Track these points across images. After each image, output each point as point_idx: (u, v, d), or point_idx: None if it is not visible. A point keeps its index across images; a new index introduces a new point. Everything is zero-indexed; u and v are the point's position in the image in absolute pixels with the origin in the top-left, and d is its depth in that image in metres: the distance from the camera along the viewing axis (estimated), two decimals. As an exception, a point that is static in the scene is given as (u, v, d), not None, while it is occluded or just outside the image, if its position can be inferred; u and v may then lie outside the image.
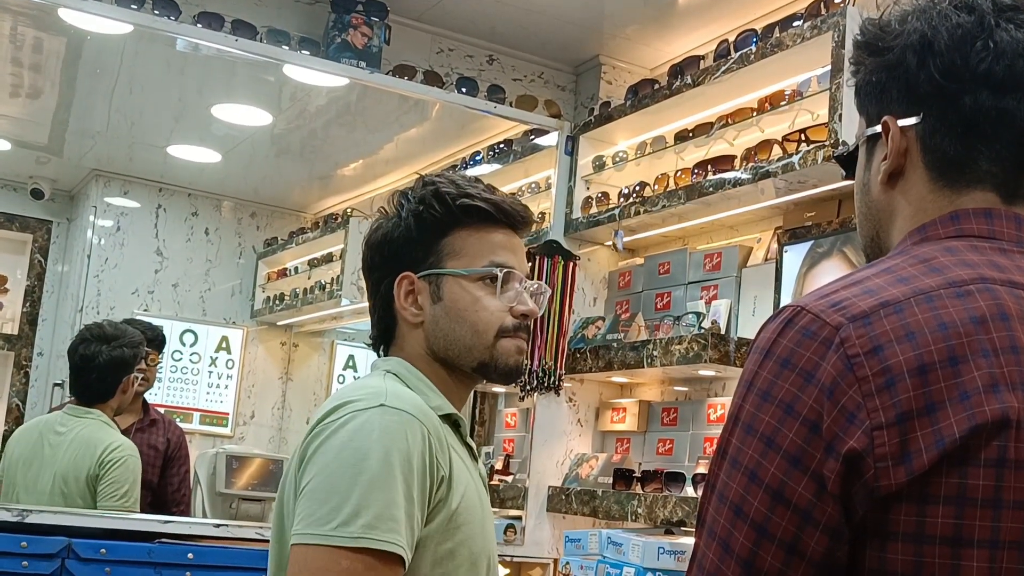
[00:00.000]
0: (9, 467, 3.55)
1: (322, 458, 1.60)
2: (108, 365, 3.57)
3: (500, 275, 1.80)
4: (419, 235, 1.80)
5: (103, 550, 3.04)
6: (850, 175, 1.32)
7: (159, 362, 4.31)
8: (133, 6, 3.71)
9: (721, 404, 3.74)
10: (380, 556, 1.54)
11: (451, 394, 1.81)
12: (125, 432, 3.76)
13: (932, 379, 1.02)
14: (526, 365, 3.88)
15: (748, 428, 1.07)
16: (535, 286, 1.86)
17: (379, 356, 1.88)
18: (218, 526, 3.35)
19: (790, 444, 1.03)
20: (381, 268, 1.84)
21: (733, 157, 3.60)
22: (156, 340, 4.21)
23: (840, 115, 3.06)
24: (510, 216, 1.84)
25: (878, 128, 1.22)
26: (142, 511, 3.62)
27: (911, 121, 1.18)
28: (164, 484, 4.08)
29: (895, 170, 1.20)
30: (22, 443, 3.59)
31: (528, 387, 4.01)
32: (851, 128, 2.93)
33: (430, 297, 1.79)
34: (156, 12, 3.76)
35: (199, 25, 3.83)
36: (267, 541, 1.86)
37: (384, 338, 1.87)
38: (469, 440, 1.82)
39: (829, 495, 1.01)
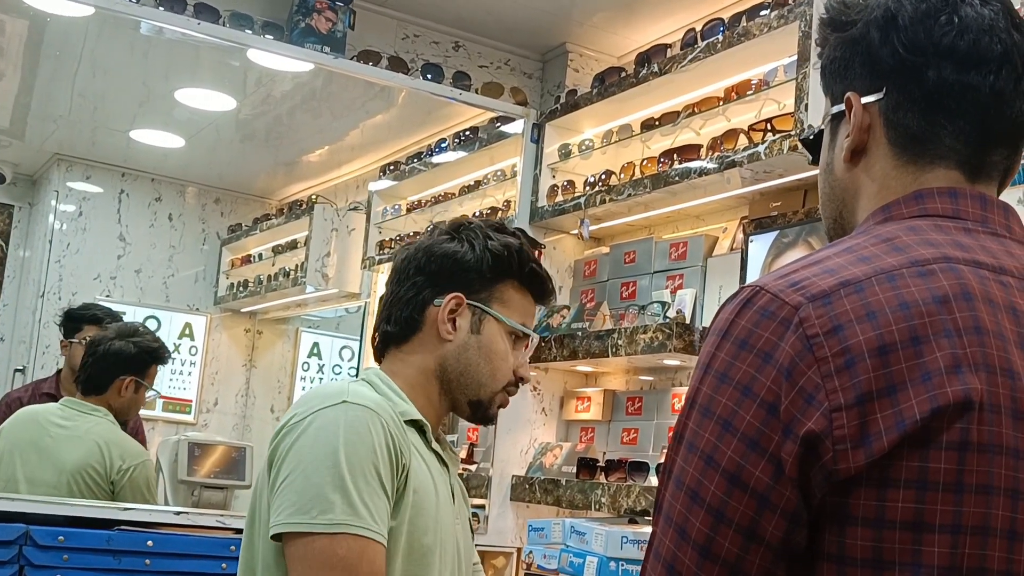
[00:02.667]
0: (2, 458, 3.47)
1: (295, 455, 1.69)
2: (106, 356, 3.55)
3: (531, 340, 2.00)
4: (488, 271, 1.94)
5: (61, 537, 2.99)
6: (815, 160, 1.31)
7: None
8: (95, -13, 3.67)
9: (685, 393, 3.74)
10: (363, 542, 1.64)
11: (429, 409, 1.91)
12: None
13: (893, 359, 1.00)
14: None
15: (705, 411, 1.05)
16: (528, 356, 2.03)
17: (380, 355, 1.98)
18: (178, 513, 3.32)
19: (747, 426, 1.02)
20: (436, 276, 1.94)
21: (699, 146, 3.60)
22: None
23: (806, 105, 3.06)
24: (547, 296, 2.04)
25: (842, 106, 1.21)
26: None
27: (874, 97, 1.17)
28: (122, 470, 4.04)
29: (858, 147, 1.19)
30: (16, 434, 3.49)
31: (492, 375, 4.00)
32: (817, 118, 2.93)
33: (469, 325, 1.92)
34: (118, -6, 3.71)
35: (161, 8, 3.79)
36: (228, 529, 1.87)
37: (396, 338, 1.95)
38: (437, 446, 1.90)
39: (787, 478, 1.00)
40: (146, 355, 3.62)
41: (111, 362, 3.56)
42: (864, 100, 1.18)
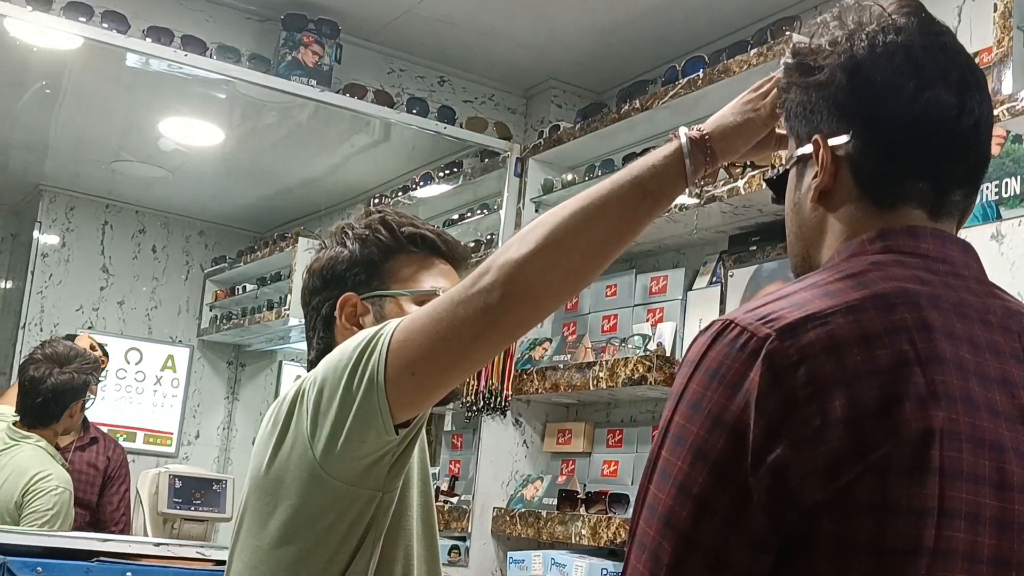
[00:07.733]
0: None
1: (322, 373, 1.59)
2: (56, 389, 3.48)
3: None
4: (364, 258, 1.83)
5: (39, 568, 2.99)
6: (779, 200, 1.34)
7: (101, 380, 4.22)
8: (81, 19, 3.68)
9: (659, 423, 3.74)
10: None
11: None
12: (64, 450, 3.68)
13: (857, 391, 1.03)
14: (464, 398, 3.89)
15: (678, 440, 1.08)
16: None
17: None
18: (157, 544, 3.31)
19: (718, 455, 1.04)
20: (323, 291, 1.85)
21: (680, 181, 3.62)
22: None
23: (785, 140, 3.09)
24: (452, 248, 1.90)
25: (809, 148, 1.23)
26: (81, 530, 3.56)
27: (841, 140, 1.20)
28: (103, 503, 4.02)
29: (825, 188, 1.22)
30: None
31: (475, 408, 4.01)
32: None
33: (373, 318, 1.80)
34: (105, 25, 3.73)
35: (148, 39, 3.81)
36: (208, 560, 1.84)
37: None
38: None
39: (755, 506, 1.02)
40: (90, 377, 3.59)
41: (60, 395, 3.50)
42: (831, 142, 1.21)
